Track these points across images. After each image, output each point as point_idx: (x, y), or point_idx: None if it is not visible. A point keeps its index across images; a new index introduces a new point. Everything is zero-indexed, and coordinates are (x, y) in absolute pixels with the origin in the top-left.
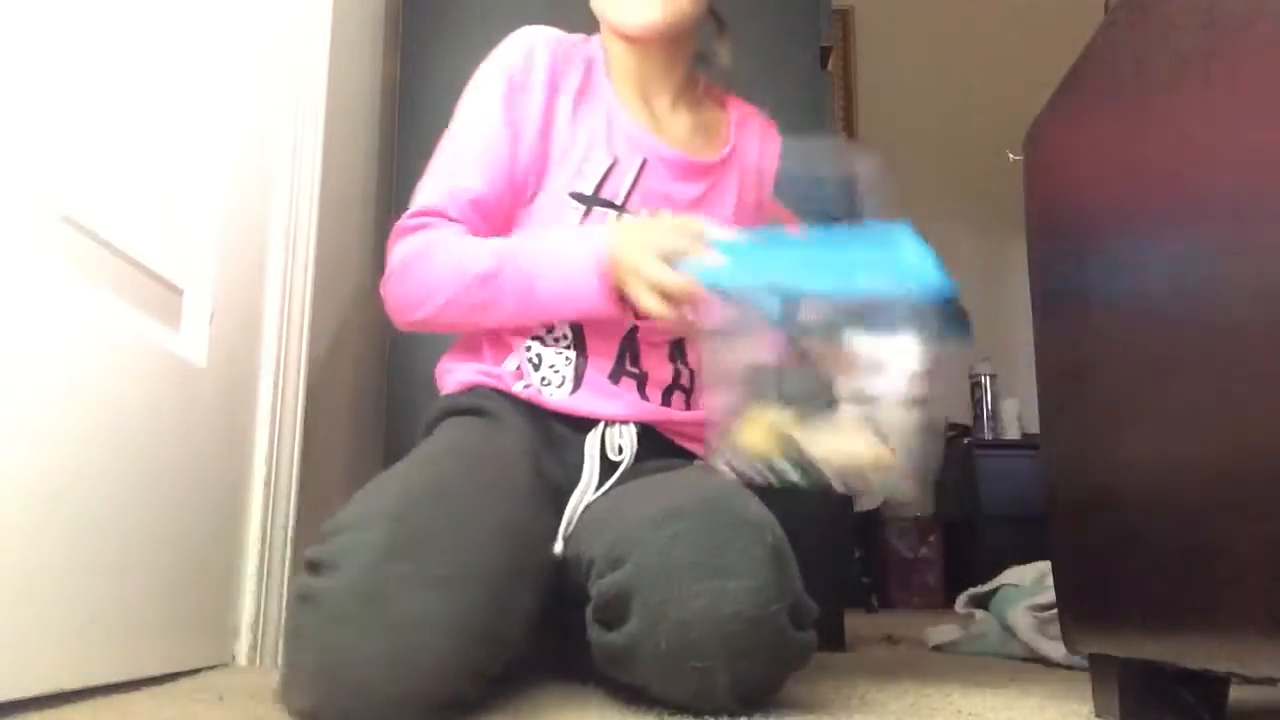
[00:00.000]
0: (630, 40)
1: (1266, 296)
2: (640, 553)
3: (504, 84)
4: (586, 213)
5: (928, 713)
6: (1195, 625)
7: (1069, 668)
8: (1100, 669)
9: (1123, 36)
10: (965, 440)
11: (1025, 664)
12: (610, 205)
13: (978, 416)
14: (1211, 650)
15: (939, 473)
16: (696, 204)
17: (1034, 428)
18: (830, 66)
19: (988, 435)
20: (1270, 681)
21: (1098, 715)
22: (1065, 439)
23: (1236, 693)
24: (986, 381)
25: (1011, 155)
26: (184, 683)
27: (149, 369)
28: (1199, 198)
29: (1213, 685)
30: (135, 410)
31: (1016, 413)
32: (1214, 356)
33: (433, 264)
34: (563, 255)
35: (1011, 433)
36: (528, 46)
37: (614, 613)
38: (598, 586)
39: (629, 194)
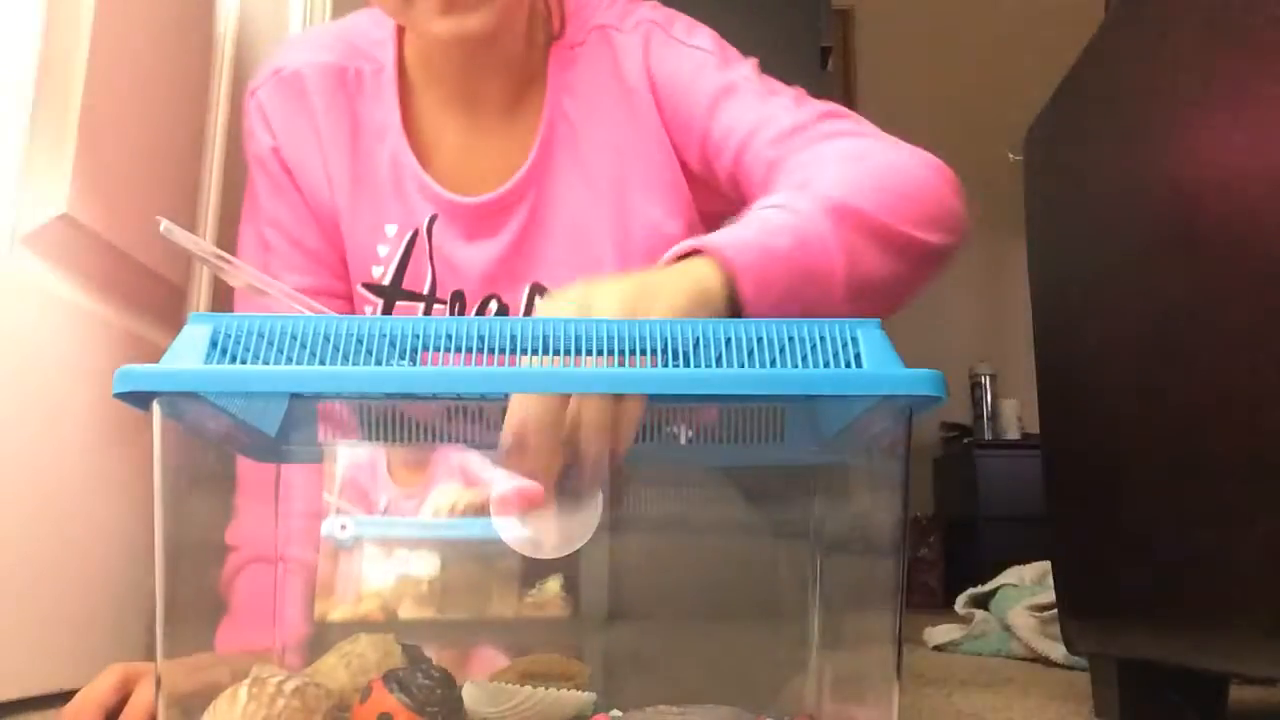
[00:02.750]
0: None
1: (1267, 299)
2: None
3: (260, 177)
4: (385, 308)
5: (928, 713)
6: (1195, 625)
7: (1069, 668)
8: (1100, 669)
9: (1123, 36)
10: (965, 440)
11: (1025, 664)
12: (414, 296)
13: (978, 416)
14: (1211, 650)
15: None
16: (506, 263)
17: (1034, 428)
18: (830, 66)
19: (988, 435)
20: (1270, 681)
21: (1098, 715)
22: (1065, 439)
23: (1236, 693)
24: (986, 381)
25: (1011, 155)
26: None
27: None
28: (1200, 195)
29: (1213, 685)
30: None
31: (1016, 413)
32: (1217, 356)
33: None
34: None
35: (1011, 433)
36: (250, 122)
37: None
38: None
39: (434, 274)
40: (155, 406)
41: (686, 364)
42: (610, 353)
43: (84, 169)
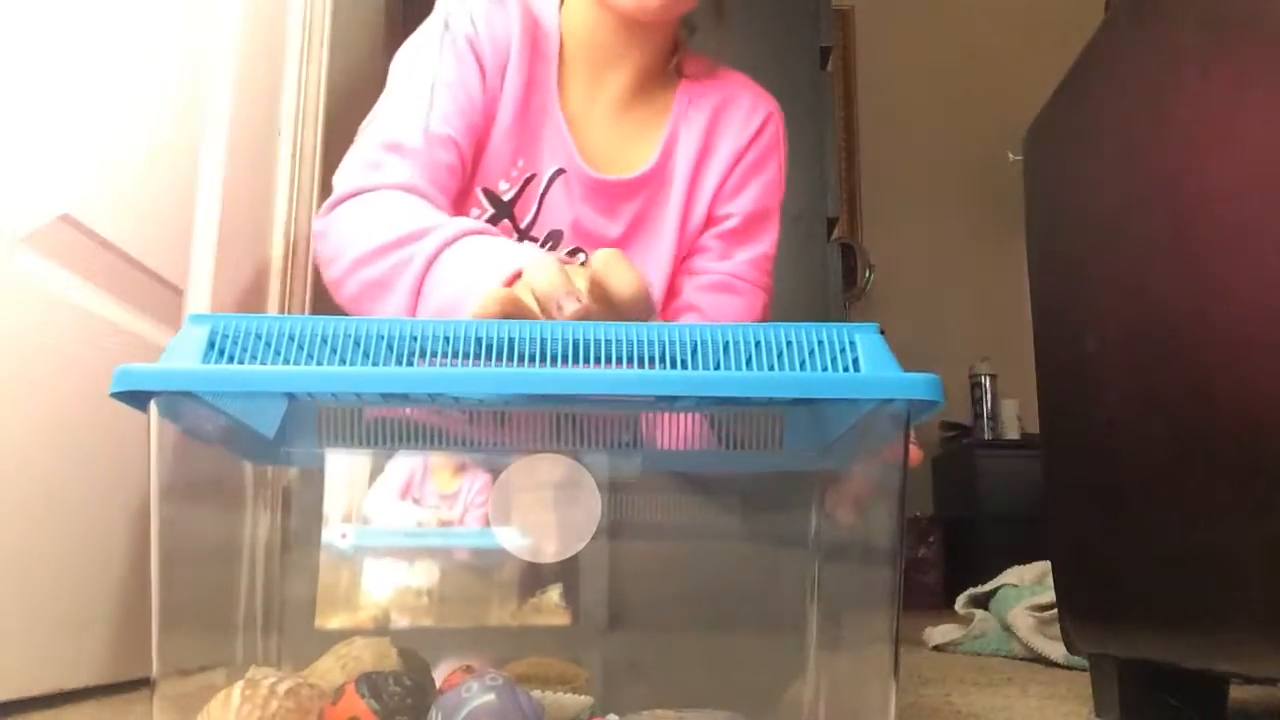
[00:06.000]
0: (615, 14)
1: (1267, 294)
2: None
3: (448, 45)
4: (492, 217)
5: (928, 713)
6: (1195, 625)
7: (1069, 668)
8: (1100, 669)
9: (1123, 36)
10: (965, 440)
11: (1025, 664)
12: (516, 224)
13: (978, 416)
14: (1211, 650)
15: None
16: (621, 243)
17: (1034, 428)
18: (830, 66)
19: (988, 435)
20: (1270, 681)
21: (1098, 715)
22: (1065, 439)
23: (1236, 693)
24: (986, 381)
25: (1011, 155)
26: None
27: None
28: (1199, 196)
29: (1213, 685)
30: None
31: (1016, 413)
32: (1216, 354)
33: (360, 218)
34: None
35: (1011, 433)
36: (452, 4)
37: None
38: None
39: (537, 212)
40: (152, 406)
41: (685, 368)
42: (609, 358)
43: (84, 169)
